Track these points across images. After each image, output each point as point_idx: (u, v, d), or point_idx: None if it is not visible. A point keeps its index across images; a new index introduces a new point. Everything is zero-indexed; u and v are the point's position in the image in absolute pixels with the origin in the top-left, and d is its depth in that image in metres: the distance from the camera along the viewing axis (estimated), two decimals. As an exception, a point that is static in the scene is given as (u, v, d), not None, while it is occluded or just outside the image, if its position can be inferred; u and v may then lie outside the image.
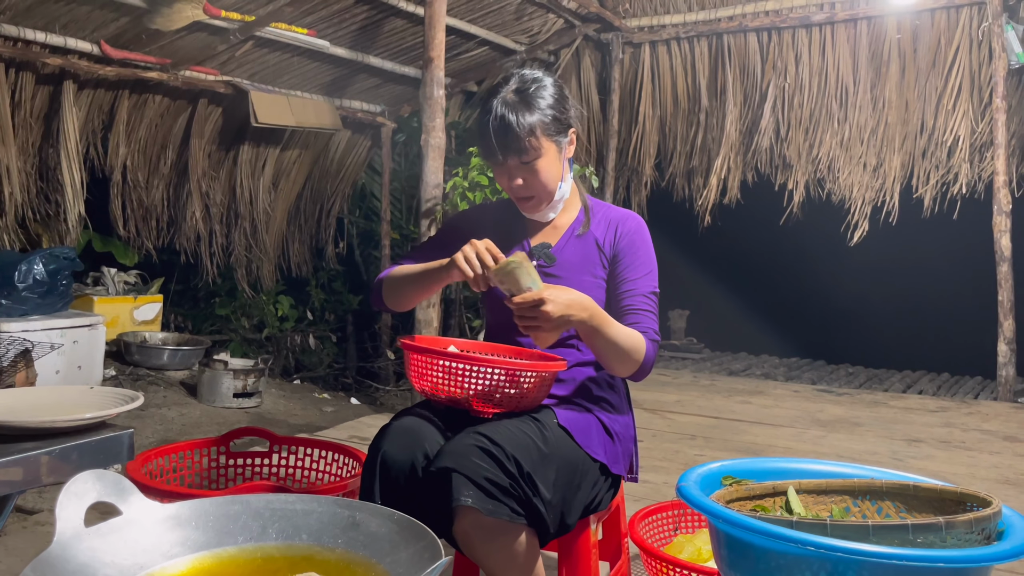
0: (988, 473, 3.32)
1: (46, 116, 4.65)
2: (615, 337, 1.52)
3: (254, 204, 5.90)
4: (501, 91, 1.61)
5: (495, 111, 1.58)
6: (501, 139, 1.57)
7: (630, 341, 1.54)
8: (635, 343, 1.55)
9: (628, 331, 1.55)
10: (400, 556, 0.94)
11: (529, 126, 1.57)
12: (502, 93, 1.60)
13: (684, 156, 6.29)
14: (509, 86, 1.61)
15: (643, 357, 1.57)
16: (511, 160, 1.60)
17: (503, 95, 1.60)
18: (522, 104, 1.58)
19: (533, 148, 1.58)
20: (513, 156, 1.59)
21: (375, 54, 5.58)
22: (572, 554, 1.62)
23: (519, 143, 1.57)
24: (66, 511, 0.92)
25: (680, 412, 4.42)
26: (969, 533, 1.07)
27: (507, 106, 1.58)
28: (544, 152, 1.60)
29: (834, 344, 7.10)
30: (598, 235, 1.72)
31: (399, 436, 1.48)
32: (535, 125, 1.58)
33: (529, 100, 1.59)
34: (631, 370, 1.58)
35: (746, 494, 1.32)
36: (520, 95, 1.60)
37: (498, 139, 1.58)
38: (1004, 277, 4.98)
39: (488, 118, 1.58)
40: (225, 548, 1.01)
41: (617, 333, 1.52)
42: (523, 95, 1.60)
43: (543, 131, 1.59)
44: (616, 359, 1.55)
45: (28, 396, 1.57)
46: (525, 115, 1.57)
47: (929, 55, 5.35)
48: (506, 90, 1.61)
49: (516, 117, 1.56)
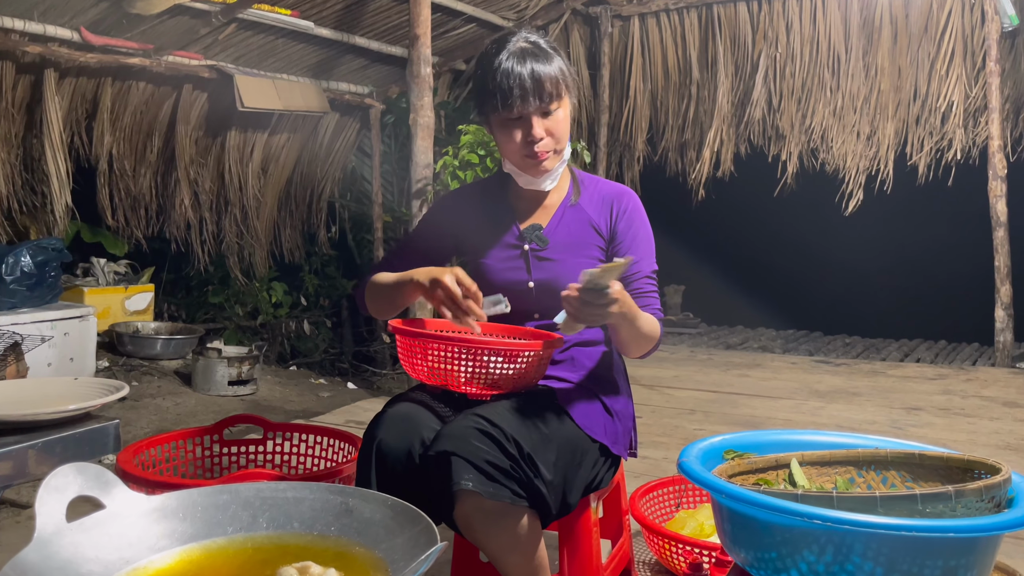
0: (989, 439, 3.32)
1: (28, 106, 4.57)
2: (641, 325, 1.52)
3: (244, 190, 5.84)
4: (508, 45, 1.54)
5: (515, 60, 1.51)
6: (528, 84, 1.50)
7: (650, 327, 1.55)
8: (653, 328, 1.56)
9: (648, 317, 1.55)
10: (395, 542, 0.92)
11: (557, 69, 1.53)
12: (511, 46, 1.54)
13: (676, 130, 6.24)
14: (516, 40, 1.56)
15: (657, 338, 1.59)
16: (534, 107, 1.52)
17: (515, 46, 1.54)
18: (539, 52, 1.54)
19: (559, 93, 1.54)
20: (538, 102, 1.52)
21: (361, 34, 5.50)
22: (573, 533, 1.59)
23: (548, 86, 1.52)
24: (46, 506, 0.89)
25: (678, 387, 4.41)
26: (979, 501, 1.04)
27: (523, 55, 1.52)
28: (564, 101, 1.56)
29: (831, 315, 7.09)
30: (592, 214, 1.66)
31: (395, 423, 1.44)
32: (560, 69, 1.54)
33: (545, 49, 1.55)
34: (645, 351, 1.60)
35: (748, 468, 1.29)
36: (533, 44, 1.55)
37: (524, 85, 1.50)
38: (1000, 242, 4.96)
39: (506, 68, 1.51)
40: (214, 539, 0.98)
41: (643, 323, 1.52)
42: (536, 45, 1.55)
43: (564, 78, 1.55)
44: (636, 344, 1.56)
45: (11, 389, 1.53)
46: (549, 60, 1.53)
47: (921, 20, 5.29)
48: (513, 43, 1.55)
49: (541, 63, 1.52)
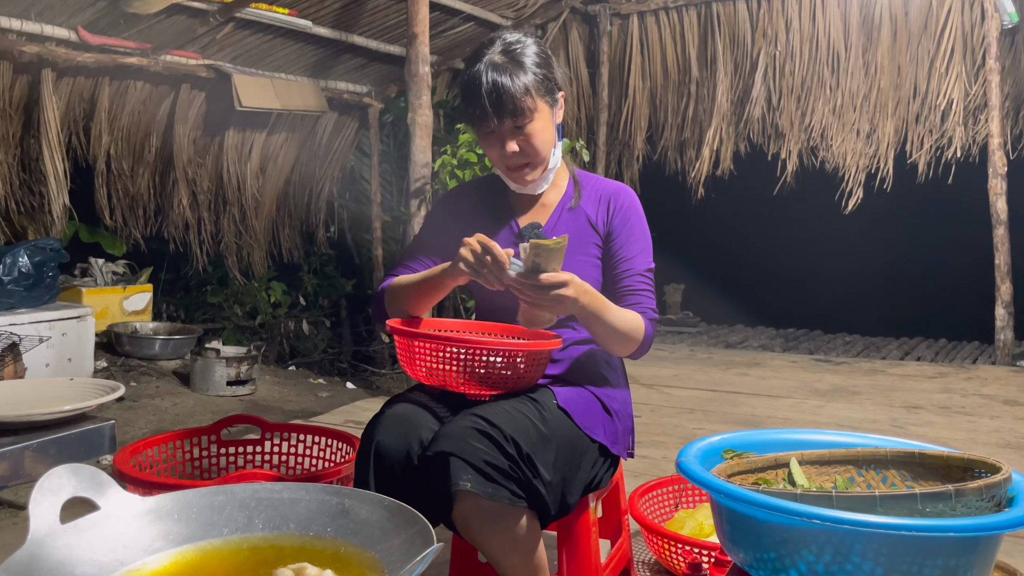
0: (989, 438, 3.31)
1: (26, 106, 4.56)
2: (613, 321, 1.51)
3: (242, 190, 5.83)
4: (486, 54, 1.54)
5: (485, 74, 1.51)
6: (495, 102, 1.50)
7: (628, 324, 1.54)
8: (633, 325, 1.54)
9: (625, 313, 1.54)
10: (392, 543, 0.91)
11: (523, 86, 1.51)
12: (488, 56, 1.54)
13: (675, 128, 6.23)
14: (494, 48, 1.55)
15: (642, 336, 1.57)
16: (505, 124, 1.53)
17: (490, 58, 1.53)
18: (512, 64, 1.53)
19: (528, 109, 1.53)
20: (508, 119, 1.52)
21: (359, 33, 5.49)
22: (572, 533, 1.59)
23: (514, 104, 1.51)
24: (40, 508, 0.89)
25: (678, 386, 4.40)
26: (980, 500, 1.04)
27: (497, 68, 1.51)
28: (538, 113, 1.55)
29: (830, 313, 7.08)
30: (589, 212, 1.66)
31: (393, 424, 1.43)
32: (529, 84, 1.52)
33: (519, 60, 1.54)
34: (630, 350, 1.58)
35: (747, 467, 1.29)
36: (508, 56, 1.54)
37: (491, 102, 1.50)
38: (1000, 240, 4.95)
39: (477, 82, 1.52)
40: (210, 540, 0.98)
41: (615, 317, 1.51)
42: (511, 55, 1.54)
43: (536, 90, 1.54)
44: (614, 342, 1.55)
45: (7, 389, 1.53)
46: (518, 75, 1.52)
47: (921, 17, 5.28)
48: (491, 52, 1.54)
49: (509, 78, 1.51)
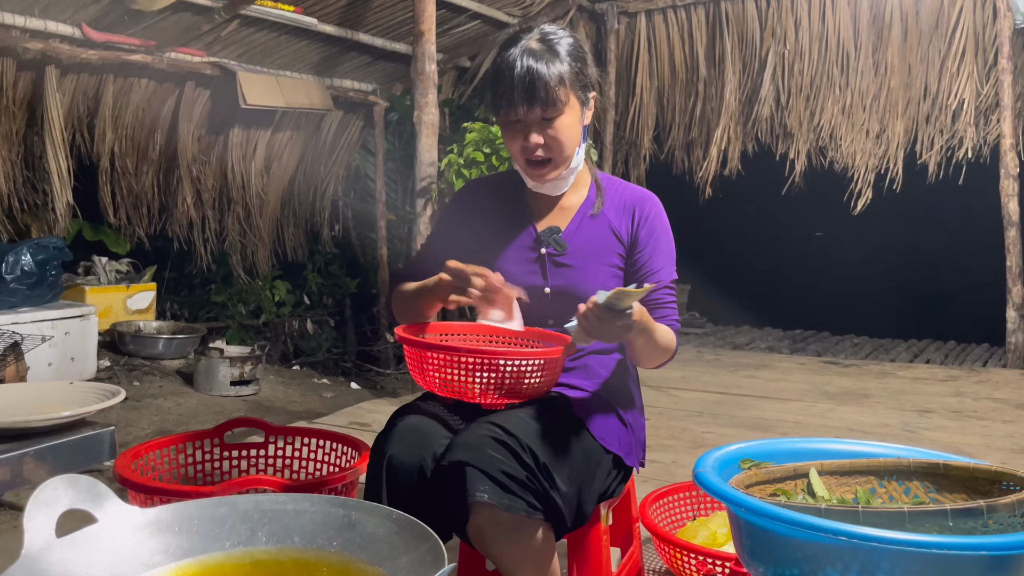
0: (1003, 443, 3.26)
1: (29, 103, 4.53)
2: (657, 338, 1.49)
3: (247, 188, 5.80)
4: (522, 40, 1.49)
5: (520, 59, 1.45)
6: (527, 87, 1.44)
7: (666, 339, 1.52)
8: (669, 339, 1.53)
9: (664, 328, 1.52)
10: (400, 560, 0.87)
11: (558, 74, 1.46)
12: (524, 42, 1.48)
13: (683, 128, 6.18)
14: (531, 36, 1.50)
15: (673, 349, 1.55)
16: (533, 113, 1.47)
17: (526, 44, 1.48)
18: (549, 52, 1.47)
19: (560, 100, 1.47)
20: (538, 107, 1.46)
21: (365, 31, 5.45)
22: (583, 542, 1.55)
23: (547, 92, 1.45)
24: (35, 521, 0.85)
25: (686, 388, 4.36)
26: (1012, 516, 1.00)
27: (533, 54, 1.46)
28: (568, 107, 1.49)
29: (838, 315, 7.02)
30: (612, 220, 1.60)
31: (405, 437, 1.38)
32: (564, 74, 1.47)
33: (555, 49, 1.48)
34: (661, 362, 1.56)
35: (766, 477, 1.25)
36: (545, 44, 1.49)
37: (524, 87, 1.44)
38: (1012, 242, 4.90)
39: (510, 67, 1.46)
40: (211, 554, 0.94)
41: (659, 335, 1.49)
42: (548, 44, 1.49)
43: (571, 83, 1.48)
44: (652, 357, 1.53)
45: (6, 393, 1.49)
46: (553, 63, 1.46)
47: (932, 17, 5.22)
48: (528, 39, 1.49)
49: (544, 65, 1.45)
